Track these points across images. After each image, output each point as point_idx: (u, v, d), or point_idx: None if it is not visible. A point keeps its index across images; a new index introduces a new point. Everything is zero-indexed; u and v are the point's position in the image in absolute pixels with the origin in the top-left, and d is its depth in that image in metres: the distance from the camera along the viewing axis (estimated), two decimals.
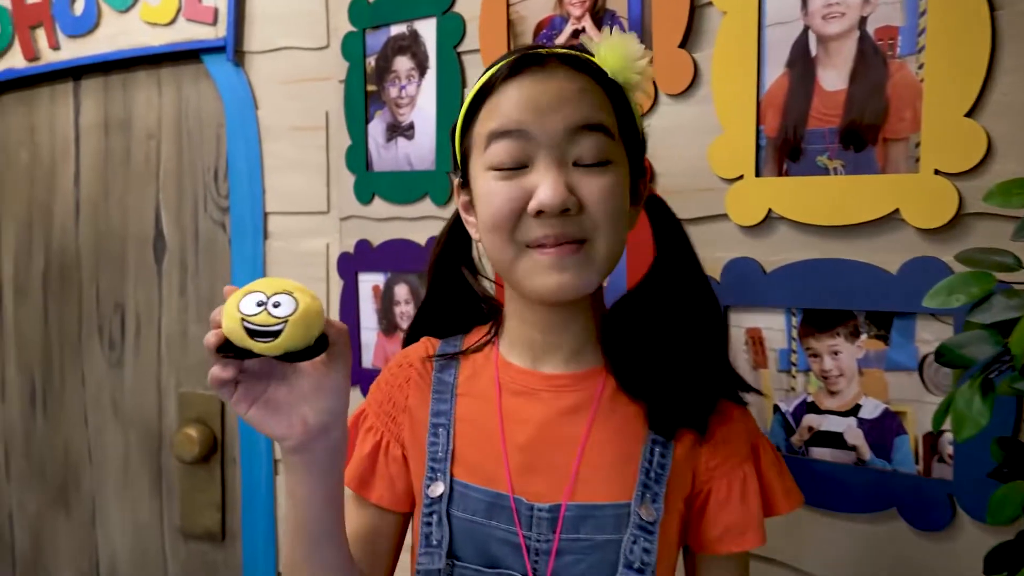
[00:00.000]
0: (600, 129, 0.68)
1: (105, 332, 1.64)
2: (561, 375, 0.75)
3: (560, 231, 0.67)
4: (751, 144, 0.92)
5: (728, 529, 0.74)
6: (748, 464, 0.75)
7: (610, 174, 0.68)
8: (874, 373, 0.87)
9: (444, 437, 0.75)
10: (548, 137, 0.67)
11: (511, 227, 0.68)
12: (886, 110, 0.84)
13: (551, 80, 0.68)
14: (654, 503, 0.71)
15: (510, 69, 0.69)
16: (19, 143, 1.71)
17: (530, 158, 0.67)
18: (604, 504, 0.70)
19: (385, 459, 0.79)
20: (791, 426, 0.93)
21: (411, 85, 1.23)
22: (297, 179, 1.37)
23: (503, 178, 0.68)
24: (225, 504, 1.53)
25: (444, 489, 0.73)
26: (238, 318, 0.58)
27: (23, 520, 1.79)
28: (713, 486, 0.74)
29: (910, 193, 0.82)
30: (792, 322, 0.91)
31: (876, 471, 0.87)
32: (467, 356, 0.79)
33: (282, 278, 0.62)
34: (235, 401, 0.63)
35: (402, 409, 0.79)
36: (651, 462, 0.72)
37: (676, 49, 0.96)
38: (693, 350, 0.74)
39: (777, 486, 0.76)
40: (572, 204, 0.66)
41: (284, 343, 0.58)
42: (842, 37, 0.86)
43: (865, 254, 0.86)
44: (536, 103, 0.67)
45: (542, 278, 0.68)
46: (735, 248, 0.95)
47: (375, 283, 1.29)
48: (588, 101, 0.68)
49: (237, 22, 1.38)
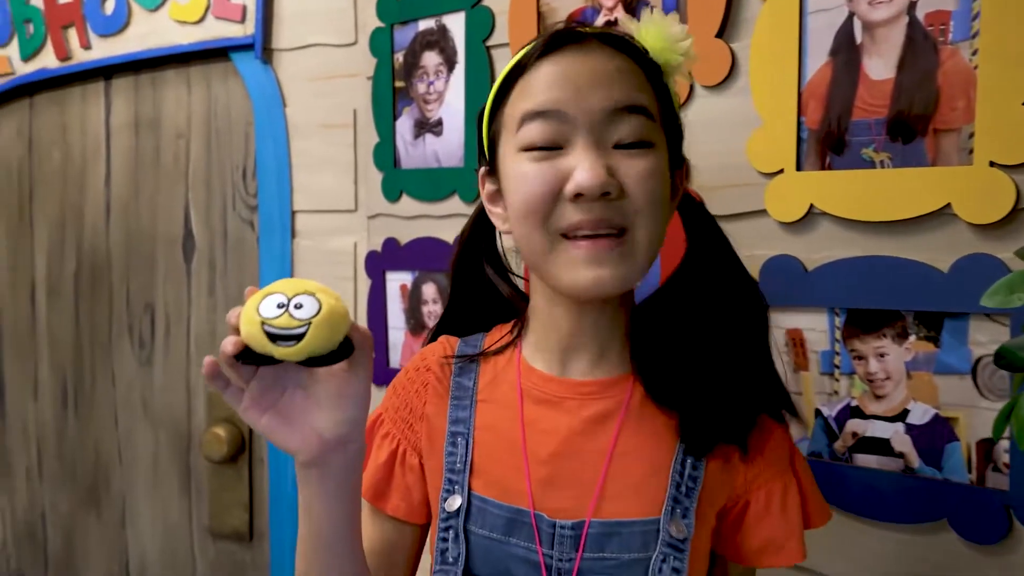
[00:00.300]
0: (641, 111, 0.64)
1: (135, 332, 1.65)
2: (587, 382, 0.70)
3: (599, 216, 0.62)
4: (792, 137, 0.88)
5: (769, 542, 0.70)
6: (788, 475, 0.71)
7: (652, 157, 0.64)
8: (923, 376, 0.82)
9: (463, 447, 0.71)
10: (587, 117, 0.62)
11: (545, 213, 0.63)
12: (937, 99, 0.79)
13: (589, 58, 0.64)
14: (684, 519, 0.66)
15: (545, 46, 0.65)
16: (52, 143, 1.73)
17: (566, 139, 0.63)
18: (631, 520, 0.66)
19: (402, 468, 0.75)
20: (834, 431, 0.88)
21: (439, 81, 1.21)
22: (325, 177, 1.36)
23: (537, 159, 0.63)
24: (253, 504, 1.52)
25: (462, 503, 0.69)
26: (258, 321, 0.54)
27: (55, 519, 1.80)
28: (752, 497, 0.70)
29: (963, 187, 0.78)
30: (835, 323, 0.87)
31: (925, 479, 0.83)
32: (487, 358, 0.75)
33: (304, 279, 0.58)
34: (245, 408, 0.58)
35: (419, 416, 0.75)
36: (682, 475, 0.67)
37: (713, 39, 0.93)
38: (733, 357, 0.69)
39: (813, 499, 0.73)
40: (613, 187, 0.62)
41: (307, 347, 0.54)
42: (889, 23, 0.82)
43: (914, 251, 0.82)
44: (574, 82, 0.63)
45: (578, 272, 0.63)
46: (774, 245, 0.91)
47: (403, 282, 1.27)
48: (629, 82, 0.64)
49: (265, 19, 1.38)
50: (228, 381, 0.58)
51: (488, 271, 0.77)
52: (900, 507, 0.84)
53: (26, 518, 1.85)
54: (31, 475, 1.83)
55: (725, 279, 0.71)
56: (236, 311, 0.57)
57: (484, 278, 0.77)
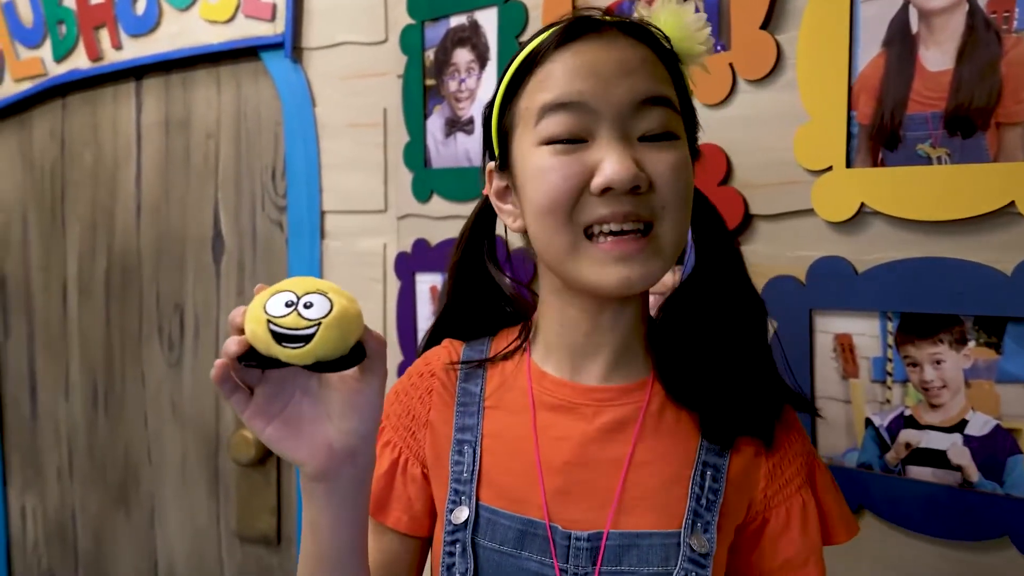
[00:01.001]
0: (666, 102, 0.61)
1: (164, 332, 1.64)
2: (604, 387, 0.67)
3: (628, 209, 0.59)
4: (842, 132, 0.84)
5: (788, 561, 0.66)
6: (806, 490, 0.67)
7: (678, 149, 0.61)
8: (983, 385, 0.78)
9: (470, 456, 0.68)
10: (612, 109, 0.60)
11: (569, 207, 0.60)
12: (1000, 91, 0.75)
13: (612, 48, 0.61)
14: (706, 533, 0.63)
15: (563, 35, 0.62)
16: (84, 143, 1.73)
17: (590, 132, 0.60)
18: (650, 532, 0.63)
19: (403, 478, 0.71)
20: (886, 442, 0.84)
21: (471, 78, 1.18)
22: (354, 177, 1.34)
23: (560, 153, 0.60)
24: (281, 508, 1.51)
25: (469, 514, 0.66)
26: (263, 320, 0.50)
27: (85, 519, 1.81)
28: (771, 514, 0.66)
29: None
30: (888, 327, 0.83)
31: (985, 494, 0.78)
32: (495, 364, 0.72)
33: (316, 277, 0.54)
34: (250, 416, 0.55)
35: (423, 424, 0.72)
36: (702, 487, 0.64)
37: (757, 31, 0.89)
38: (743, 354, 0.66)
39: (835, 512, 0.69)
40: (642, 181, 0.59)
41: (315, 349, 0.50)
42: (948, 11, 0.77)
43: (973, 252, 0.78)
44: (597, 72, 0.60)
45: (604, 271, 0.60)
46: (822, 246, 0.87)
47: (432, 283, 1.25)
48: (652, 72, 0.62)
49: (295, 18, 1.36)
50: (236, 385, 0.54)
51: (491, 270, 0.74)
52: (958, 523, 0.80)
53: (57, 517, 1.86)
54: (62, 475, 1.83)
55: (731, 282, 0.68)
56: (241, 309, 0.53)
57: (485, 278, 0.74)
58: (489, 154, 0.70)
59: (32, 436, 1.88)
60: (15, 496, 1.93)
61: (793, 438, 0.68)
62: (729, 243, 0.70)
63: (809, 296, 0.87)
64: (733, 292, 0.68)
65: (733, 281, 0.68)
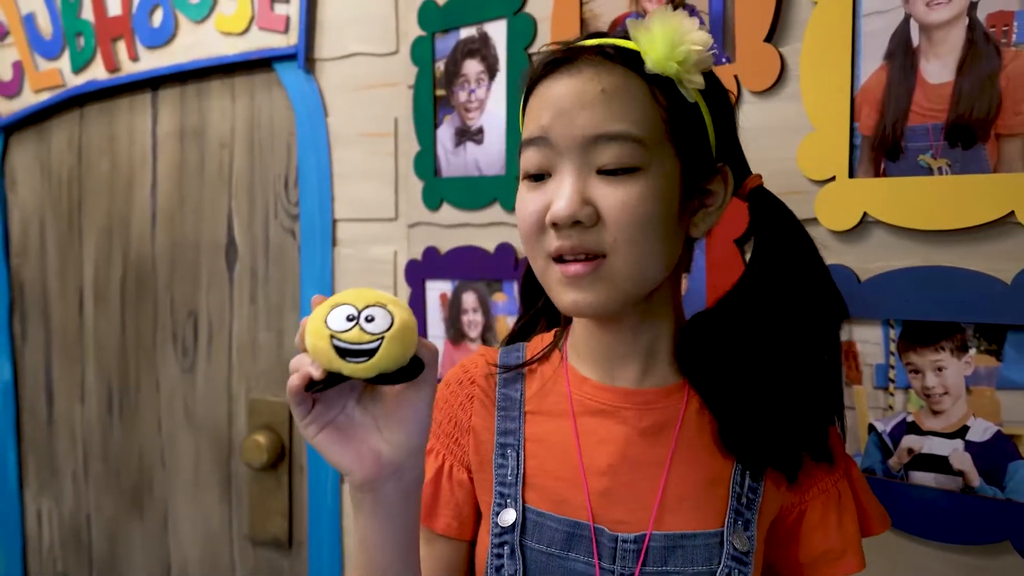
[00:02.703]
0: (622, 138, 0.60)
1: (179, 339, 1.67)
2: (642, 391, 0.69)
3: (575, 242, 0.61)
4: (844, 143, 0.86)
5: (825, 553, 0.68)
6: (843, 482, 0.69)
7: (636, 183, 0.61)
8: (984, 392, 0.79)
9: (513, 459, 0.70)
10: (569, 143, 0.61)
11: (537, 238, 0.64)
12: (999, 103, 0.76)
13: (577, 80, 0.62)
14: (747, 531, 0.65)
15: (543, 68, 0.64)
16: (100, 153, 1.76)
17: (553, 166, 0.63)
18: (694, 533, 0.65)
19: (449, 484, 0.73)
20: (888, 448, 0.85)
21: (480, 89, 1.21)
22: (366, 186, 1.36)
23: (531, 188, 0.64)
24: (292, 512, 1.53)
25: (516, 517, 0.67)
26: (326, 335, 0.50)
27: (100, 522, 1.83)
28: (807, 507, 0.68)
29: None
30: (890, 335, 0.84)
31: (986, 499, 0.79)
32: (533, 369, 0.74)
33: (369, 288, 0.54)
34: (307, 422, 0.56)
35: (465, 430, 0.74)
36: (742, 486, 0.66)
37: (762, 44, 0.91)
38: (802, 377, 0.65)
39: (870, 505, 0.71)
40: (585, 216, 0.60)
41: (379, 363, 0.50)
42: (948, 25, 0.79)
43: (974, 261, 0.79)
44: (558, 107, 0.62)
45: (561, 293, 0.64)
46: (826, 255, 0.85)
47: (443, 291, 1.27)
48: (615, 104, 0.61)
49: (308, 29, 1.39)
50: (305, 396, 0.55)
51: None
52: (960, 527, 0.81)
53: (72, 521, 1.88)
54: (77, 478, 1.86)
55: (802, 279, 0.67)
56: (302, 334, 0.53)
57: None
58: None
59: (48, 440, 1.91)
60: (31, 499, 1.96)
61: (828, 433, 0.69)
62: (798, 230, 0.68)
63: None
64: (809, 287, 0.66)
65: (805, 274, 0.66)
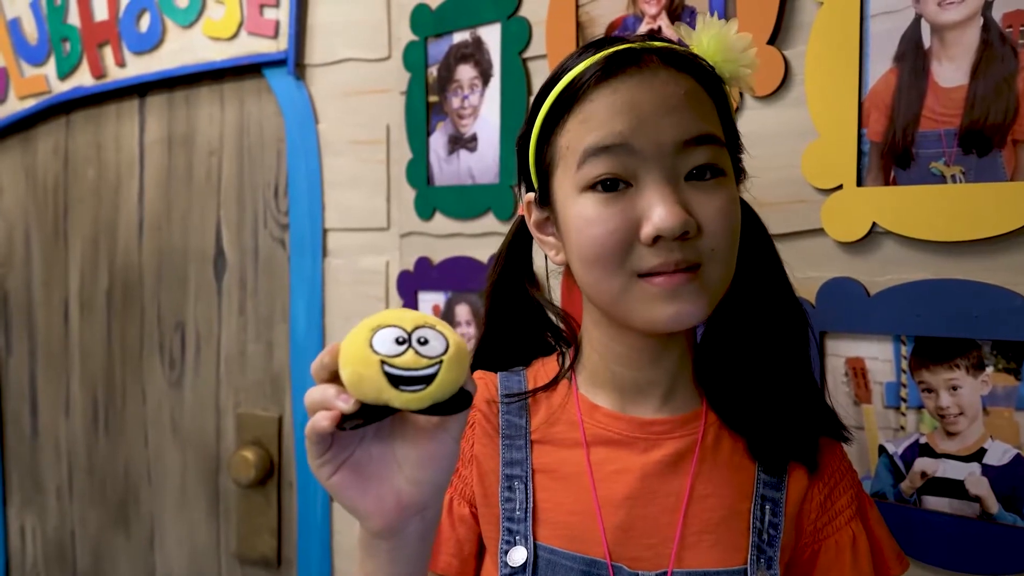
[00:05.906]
0: (712, 140, 0.59)
1: (166, 350, 1.62)
2: (659, 420, 0.65)
3: (679, 257, 0.57)
4: (852, 150, 0.82)
5: None
6: (856, 522, 0.65)
7: (725, 188, 0.60)
8: (1003, 412, 0.75)
9: (521, 492, 0.65)
10: (656, 151, 0.57)
11: (618, 258, 0.58)
12: (1016, 107, 0.73)
13: (654, 83, 0.58)
14: (770, 569, 0.61)
15: (603, 70, 0.59)
16: (87, 160, 1.72)
17: (634, 175, 0.58)
18: (717, 571, 0.61)
19: (449, 519, 0.68)
20: (900, 471, 0.81)
21: (474, 95, 1.17)
22: (357, 195, 1.32)
23: (603, 203, 0.58)
24: (281, 530, 1.48)
25: (527, 556, 0.62)
26: (375, 361, 0.43)
27: (85, 538, 1.78)
28: (820, 546, 0.64)
29: None
30: (902, 352, 0.80)
31: (1005, 527, 0.75)
32: (538, 395, 0.69)
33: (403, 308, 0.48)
34: (322, 462, 0.49)
35: (467, 460, 0.69)
36: (763, 521, 0.62)
37: (765, 46, 0.87)
38: (788, 378, 0.65)
39: (888, 546, 0.67)
40: (691, 226, 0.57)
41: (435, 392, 0.44)
42: (962, 26, 0.75)
43: (990, 274, 0.75)
44: (639, 111, 0.57)
45: (655, 309, 0.58)
46: (833, 267, 0.84)
47: (435, 303, 1.23)
48: (697, 107, 0.59)
49: (298, 35, 1.35)
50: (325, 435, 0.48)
51: (533, 294, 0.71)
52: (976, 556, 0.76)
53: (56, 536, 1.83)
54: (61, 493, 1.81)
55: (779, 303, 0.67)
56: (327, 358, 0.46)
57: (525, 302, 0.71)
58: (525, 183, 0.68)
59: (32, 454, 1.86)
60: (14, 515, 1.91)
61: (844, 469, 0.67)
62: (771, 252, 0.68)
63: (819, 319, 0.84)
64: (776, 302, 0.66)
65: (775, 290, 0.66)
